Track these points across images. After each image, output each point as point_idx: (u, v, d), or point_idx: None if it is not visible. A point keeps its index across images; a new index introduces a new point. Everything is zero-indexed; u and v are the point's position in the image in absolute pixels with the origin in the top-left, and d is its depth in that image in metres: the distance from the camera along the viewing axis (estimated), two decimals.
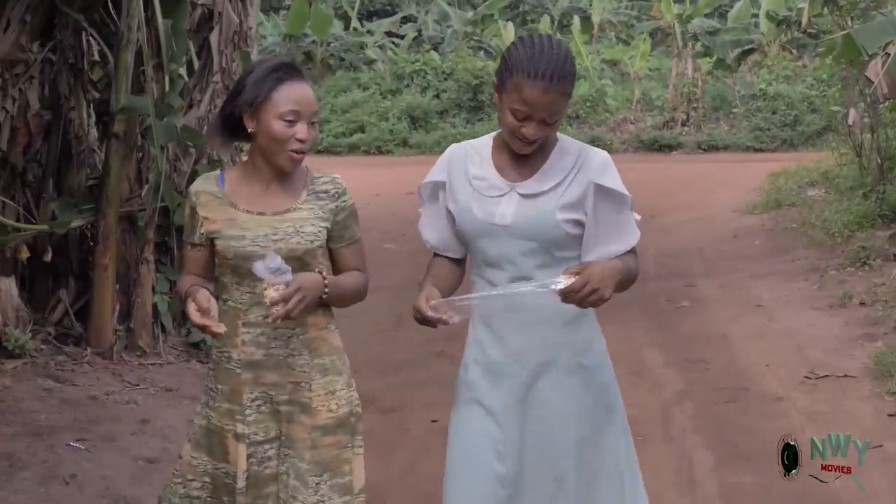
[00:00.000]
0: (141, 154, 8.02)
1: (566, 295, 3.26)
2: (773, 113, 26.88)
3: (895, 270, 9.72)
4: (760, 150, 25.78)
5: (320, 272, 3.51)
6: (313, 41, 33.00)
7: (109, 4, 7.66)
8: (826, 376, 7.46)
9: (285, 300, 3.34)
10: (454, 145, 3.67)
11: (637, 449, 6.24)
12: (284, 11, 35.83)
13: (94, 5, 7.74)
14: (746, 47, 31.76)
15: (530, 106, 3.31)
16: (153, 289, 8.04)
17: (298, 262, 3.50)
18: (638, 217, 3.56)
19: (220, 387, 3.61)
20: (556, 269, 3.39)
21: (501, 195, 3.47)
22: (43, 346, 7.62)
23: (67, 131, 8.01)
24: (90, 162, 8.16)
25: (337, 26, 34.08)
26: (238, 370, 3.56)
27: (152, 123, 7.39)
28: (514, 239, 3.44)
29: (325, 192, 3.58)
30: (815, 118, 25.61)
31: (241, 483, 3.53)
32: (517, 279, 3.43)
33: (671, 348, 8.51)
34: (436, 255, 3.69)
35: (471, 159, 3.56)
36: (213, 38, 8.20)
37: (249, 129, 3.48)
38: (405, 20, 38.52)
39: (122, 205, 7.79)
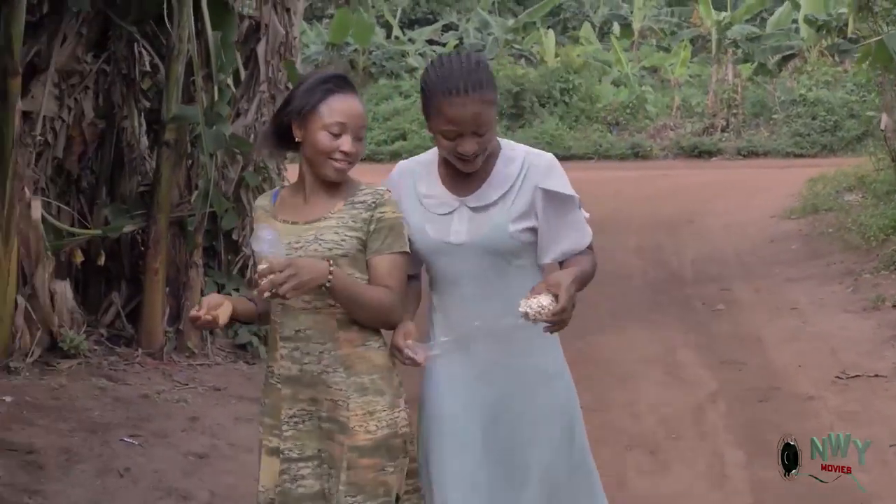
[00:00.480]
0: (190, 161, 8.28)
1: (538, 320, 3.22)
2: (813, 118, 26.91)
3: None
4: (800, 156, 25.81)
5: (329, 261, 3.39)
6: (355, 50, 33.35)
7: (164, 17, 7.92)
8: (857, 376, 7.62)
9: (273, 273, 3.26)
10: (402, 163, 3.68)
11: (671, 445, 6.51)
12: (327, 20, 36.21)
13: (147, 18, 8.03)
14: (787, 53, 31.84)
15: (457, 123, 3.32)
16: (201, 291, 8.29)
17: None
18: (587, 215, 3.55)
19: (265, 401, 3.61)
20: (513, 278, 3.44)
21: (452, 211, 3.48)
22: (96, 347, 7.88)
23: (120, 139, 8.30)
24: (141, 169, 8.44)
25: (379, 35, 34.41)
26: (279, 385, 3.54)
27: (202, 132, 7.66)
28: (470, 256, 3.46)
29: (363, 202, 3.49)
30: (855, 123, 25.64)
31: (271, 495, 3.52)
32: (476, 293, 3.45)
33: (706, 350, 8.69)
34: None
35: (419, 177, 3.57)
36: (260, 49, 8.47)
37: (297, 139, 3.49)
38: (446, 28, 38.84)
39: (172, 210, 8.07)
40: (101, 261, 8.13)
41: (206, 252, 8.47)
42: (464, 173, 3.46)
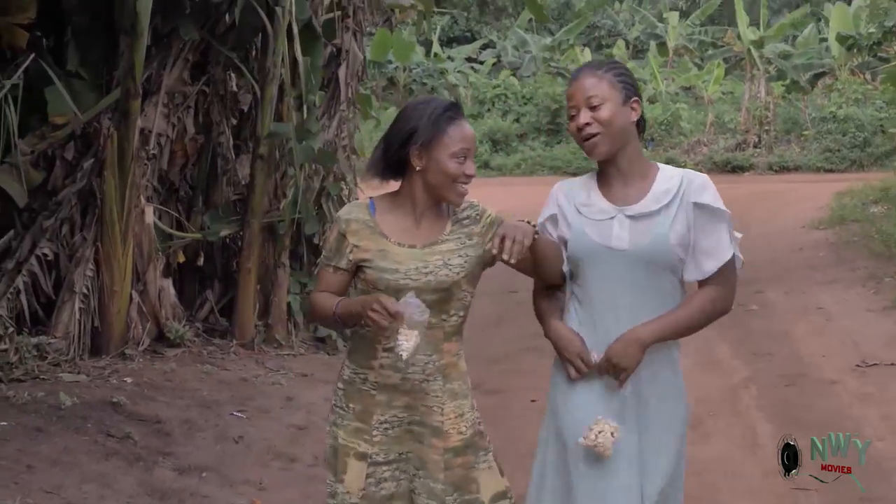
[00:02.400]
0: (279, 173, 9.26)
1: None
2: (843, 135, 27.61)
3: None
4: (830, 171, 26.48)
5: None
6: (396, 67, 34.16)
7: (259, 45, 8.93)
8: (875, 365, 8.53)
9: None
10: (560, 182, 3.79)
11: (710, 420, 7.44)
12: (366, 39, 37.13)
13: (244, 45, 9.04)
14: (818, 71, 32.54)
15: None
16: (287, 290, 9.27)
17: (445, 293, 3.59)
18: (739, 235, 3.68)
19: (351, 405, 3.69)
20: (665, 292, 3.57)
21: (611, 218, 3.56)
22: (195, 339, 8.86)
23: (215, 153, 9.29)
24: (234, 179, 9.43)
25: (419, 52, 35.21)
26: (373, 392, 3.65)
27: (293, 147, 8.65)
28: (629, 263, 3.53)
29: (468, 217, 3.66)
30: (884, 140, 26.36)
31: (355, 499, 3.65)
32: (629, 301, 3.54)
33: (740, 343, 9.60)
34: (541, 286, 3.76)
35: (576, 192, 3.67)
36: (341, 72, 9.48)
37: (417, 167, 3.57)
38: (484, 46, 39.49)
39: (263, 217, 9.05)
40: (201, 261, 9.14)
41: (291, 254, 9.43)
42: (623, 187, 3.59)
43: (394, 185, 3.74)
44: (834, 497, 5.63)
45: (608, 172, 3.64)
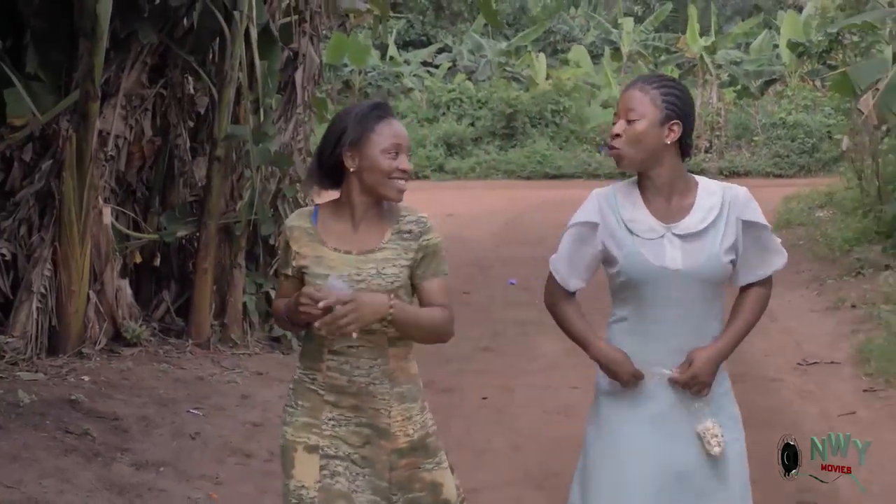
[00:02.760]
0: (236, 175, 9.40)
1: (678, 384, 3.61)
2: (793, 141, 28.04)
3: (881, 277, 11.08)
4: (779, 176, 26.89)
5: (390, 295, 3.59)
6: (352, 70, 34.28)
7: (217, 48, 9.08)
8: (815, 363, 8.81)
9: (336, 308, 3.47)
10: (597, 190, 3.76)
11: None
12: (322, 42, 37.22)
13: (202, 49, 9.18)
14: (769, 78, 33.02)
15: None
16: (243, 290, 9.41)
17: None
18: (779, 241, 3.79)
19: (300, 403, 3.73)
20: (714, 304, 3.67)
21: (661, 237, 3.61)
22: (151, 338, 8.97)
23: (172, 155, 9.41)
24: (191, 181, 9.55)
25: (374, 56, 35.33)
26: (322, 392, 3.70)
27: (250, 149, 8.80)
28: (684, 282, 3.58)
29: (409, 231, 3.66)
30: (831, 146, 26.80)
31: (313, 493, 3.64)
32: (682, 316, 3.61)
33: None
34: (563, 293, 3.84)
35: (620, 203, 3.67)
36: (298, 76, 9.64)
37: (351, 168, 3.61)
38: (440, 50, 39.65)
39: (220, 218, 9.18)
40: (157, 262, 9.26)
41: (247, 255, 9.56)
42: (667, 202, 3.65)
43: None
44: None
45: (646, 185, 3.67)
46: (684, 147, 3.66)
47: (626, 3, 43.50)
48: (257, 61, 8.98)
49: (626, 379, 3.65)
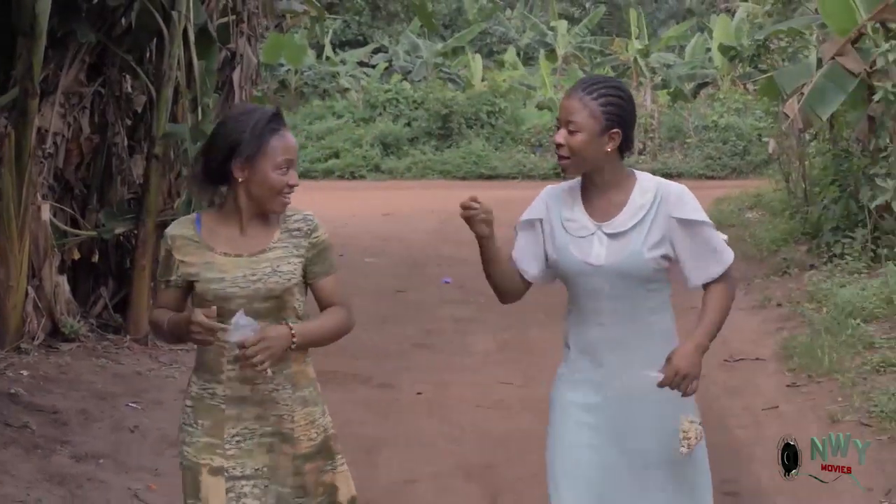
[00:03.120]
0: (174, 172, 9.51)
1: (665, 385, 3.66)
2: (724, 143, 28.35)
3: (806, 276, 11.40)
4: (712, 178, 27.16)
5: (287, 324, 3.62)
6: (288, 70, 34.29)
7: (155, 48, 9.19)
8: (741, 360, 9.04)
9: (247, 348, 3.49)
10: (549, 187, 3.91)
11: None
12: (259, 43, 37.19)
13: (140, 48, 9.28)
14: (701, 81, 33.50)
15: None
16: None
17: (277, 300, 3.64)
18: (724, 237, 3.83)
19: (200, 422, 3.68)
20: (646, 298, 3.75)
21: (591, 234, 3.73)
22: (89, 334, 9.06)
23: (110, 153, 9.50)
24: (129, 179, 9.64)
25: (310, 55, 35.33)
26: (223, 406, 3.66)
27: (188, 147, 8.91)
28: (608, 277, 3.70)
29: (298, 229, 3.70)
30: (762, 148, 27.21)
31: None
32: (611, 308, 3.72)
33: None
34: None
35: (563, 202, 3.82)
36: (235, 75, 9.78)
37: (240, 179, 3.59)
38: (376, 51, 39.68)
39: (158, 215, 9.28)
40: (96, 258, 9.34)
41: None
42: (602, 200, 3.77)
43: None
44: None
45: (588, 185, 3.79)
46: (625, 147, 3.77)
47: (560, 4, 43.75)
48: (195, 61, 9.10)
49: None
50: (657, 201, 3.71)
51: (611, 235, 3.71)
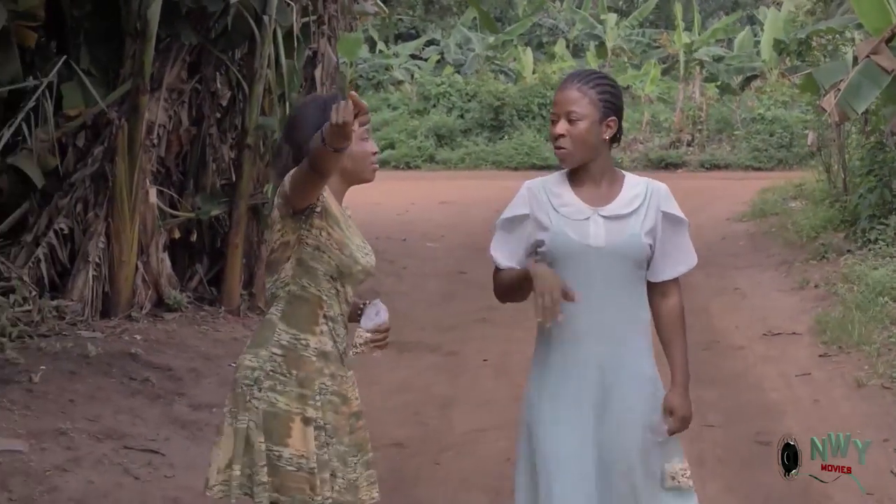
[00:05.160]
0: (264, 161, 10.49)
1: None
2: (771, 135, 28.89)
3: (842, 260, 12.24)
4: (758, 169, 27.71)
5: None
6: (343, 62, 35.06)
7: (248, 48, 10.20)
8: (779, 334, 9.90)
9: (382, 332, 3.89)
10: (529, 182, 3.92)
11: None
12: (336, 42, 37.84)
13: (234, 48, 10.29)
14: (749, 74, 34.01)
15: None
16: None
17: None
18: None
19: (294, 372, 3.73)
20: (636, 285, 3.81)
21: (587, 218, 3.76)
22: (188, 305, 10.06)
23: (205, 143, 10.48)
24: (222, 167, 10.63)
25: (363, 48, 36.11)
26: (314, 358, 3.77)
27: (277, 138, 9.86)
28: (606, 259, 3.74)
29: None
30: (806, 140, 27.77)
31: (312, 464, 3.70)
32: (604, 293, 3.74)
33: None
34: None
35: (551, 192, 3.84)
36: (317, 73, 10.75)
37: None
38: (428, 44, 40.44)
39: (249, 199, 10.28)
40: (194, 237, 10.34)
41: None
42: (595, 190, 3.81)
43: None
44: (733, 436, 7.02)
45: (579, 175, 3.83)
46: (618, 136, 3.87)
47: None
48: (283, 60, 10.09)
49: (554, 291, 3.60)
50: (649, 193, 3.84)
51: (608, 218, 3.77)
